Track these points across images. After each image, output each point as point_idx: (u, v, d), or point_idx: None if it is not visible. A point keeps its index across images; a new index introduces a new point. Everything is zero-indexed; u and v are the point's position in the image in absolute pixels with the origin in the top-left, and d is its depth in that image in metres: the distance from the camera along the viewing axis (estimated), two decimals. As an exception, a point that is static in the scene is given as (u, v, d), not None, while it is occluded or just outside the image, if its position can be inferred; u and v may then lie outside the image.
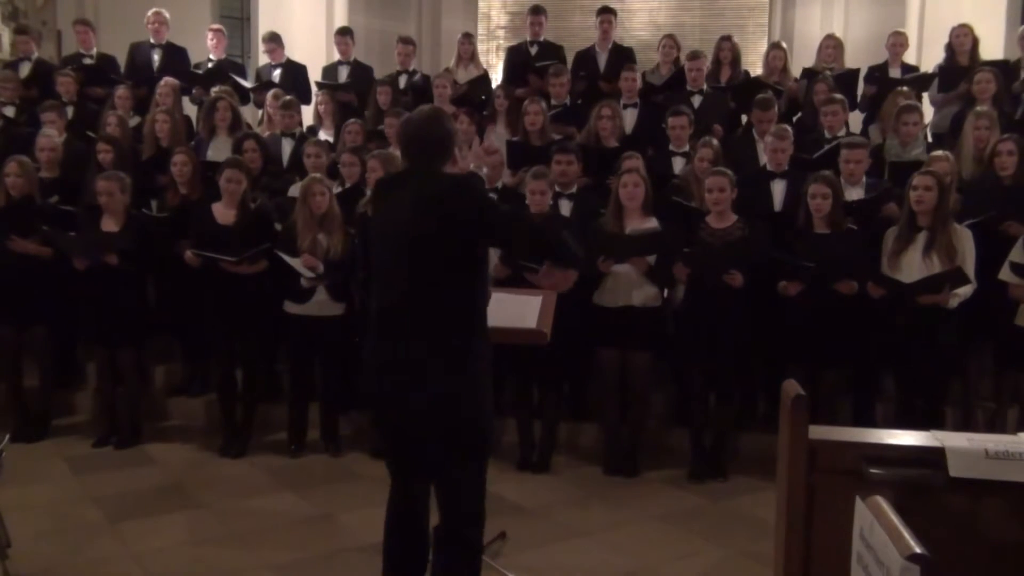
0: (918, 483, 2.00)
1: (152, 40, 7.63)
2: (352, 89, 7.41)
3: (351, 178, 5.59)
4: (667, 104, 6.48)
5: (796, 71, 7.46)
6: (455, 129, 3.01)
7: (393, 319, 2.82)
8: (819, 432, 2.10)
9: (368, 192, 5.41)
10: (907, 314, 4.53)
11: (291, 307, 5.11)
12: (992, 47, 7.41)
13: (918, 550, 1.41)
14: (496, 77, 8.47)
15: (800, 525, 2.07)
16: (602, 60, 7.40)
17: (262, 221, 5.25)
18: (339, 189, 5.51)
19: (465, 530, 2.93)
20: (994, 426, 5.00)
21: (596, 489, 4.75)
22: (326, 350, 5.17)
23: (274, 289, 5.18)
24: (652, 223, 4.87)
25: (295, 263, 4.90)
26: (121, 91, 6.96)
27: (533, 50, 7.55)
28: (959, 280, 4.43)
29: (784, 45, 7.56)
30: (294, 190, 5.74)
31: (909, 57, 7.48)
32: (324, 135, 6.81)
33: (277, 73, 7.62)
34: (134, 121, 6.93)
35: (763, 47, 7.74)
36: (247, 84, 7.58)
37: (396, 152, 5.80)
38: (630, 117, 6.60)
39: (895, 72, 7.04)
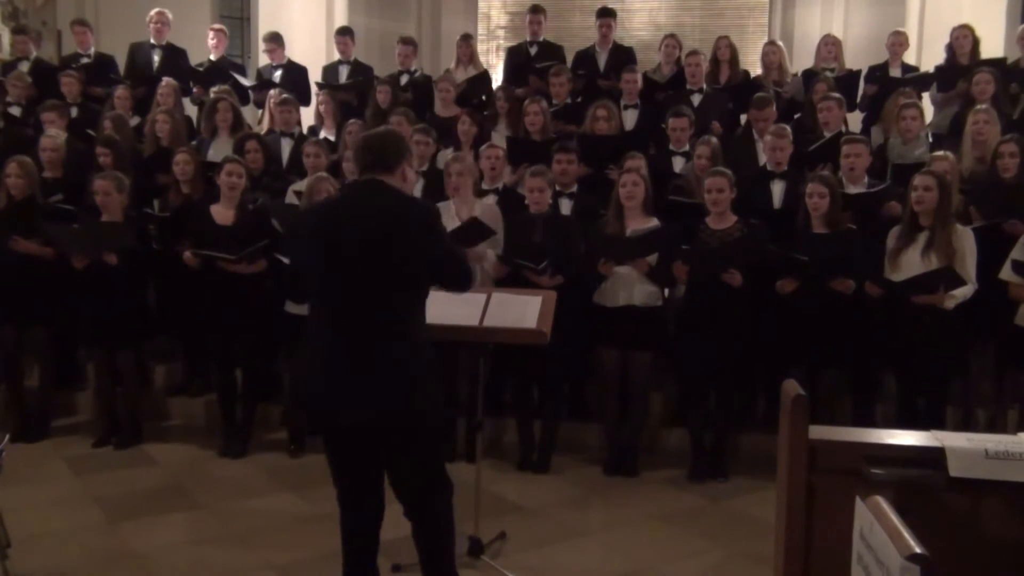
0: (918, 483, 2.00)
1: (153, 40, 7.64)
2: (352, 89, 7.41)
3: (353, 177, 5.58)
4: (668, 103, 6.49)
5: (796, 71, 7.46)
6: (409, 150, 3.16)
7: (340, 326, 2.90)
8: (819, 432, 2.10)
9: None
10: (908, 314, 4.52)
11: (292, 307, 5.10)
12: (992, 47, 7.40)
13: (918, 550, 1.41)
14: (496, 77, 8.48)
15: (800, 525, 2.07)
16: (602, 60, 7.42)
17: (261, 221, 5.25)
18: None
19: (431, 497, 3.05)
20: (994, 426, 5.00)
21: (596, 489, 4.75)
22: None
23: (274, 289, 5.18)
24: (653, 223, 4.87)
25: None
26: (120, 91, 6.96)
27: (533, 50, 7.57)
28: (952, 280, 4.42)
29: (780, 42, 7.57)
30: (294, 190, 5.75)
31: (909, 57, 7.49)
32: (325, 135, 6.81)
33: (278, 74, 7.63)
34: (134, 121, 6.93)
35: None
36: (247, 83, 7.59)
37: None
38: (631, 117, 6.61)
39: (895, 72, 7.04)
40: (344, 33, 7.92)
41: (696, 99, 6.68)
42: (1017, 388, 5.01)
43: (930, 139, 6.38)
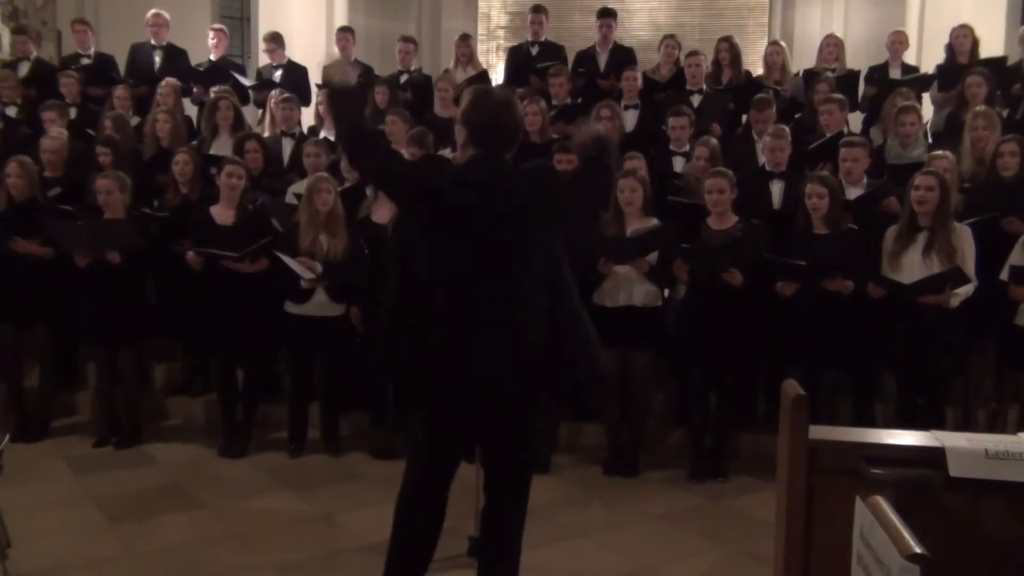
0: (918, 483, 2.00)
1: (152, 41, 7.63)
2: (352, 89, 7.41)
3: (352, 177, 5.58)
4: (668, 103, 6.49)
5: (796, 71, 7.47)
6: (523, 118, 2.98)
7: (478, 308, 2.77)
8: (819, 432, 2.11)
9: (368, 193, 5.42)
10: (908, 314, 4.52)
11: (291, 307, 5.11)
12: (992, 47, 7.41)
13: (918, 550, 1.41)
14: (496, 77, 8.48)
15: (800, 525, 2.07)
16: (602, 60, 7.43)
17: (260, 221, 5.25)
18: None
19: (523, 486, 3.12)
20: (994, 426, 4.99)
21: (596, 489, 4.75)
22: (326, 350, 5.17)
23: (274, 289, 5.18)
24: (653, 223, 4.87)
25: (293, 264, 4.90)
26: (120, 91, 6.96)
27: (534, 50, 7.57)
28: (959, 279, 4.43)
29: (783, 43, 7.57)
30: (293, 191, 5.75)
31: (909, 57, 7.49)
32: (325, 135, 6.81)
33: (278, 74, 7.63)
34: (134, 121, 6.92)
35: (763, 47, 7.76)
36: (247, 83, 7.59)
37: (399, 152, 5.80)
38: (631, 117, 6.61)
39: (895, 72, 7.04)
40: (345, 31, 7.92)
41: (696, 100, 6.68)
42: (1017, 388, 5.00)
43: (929, 140, 6.38)
